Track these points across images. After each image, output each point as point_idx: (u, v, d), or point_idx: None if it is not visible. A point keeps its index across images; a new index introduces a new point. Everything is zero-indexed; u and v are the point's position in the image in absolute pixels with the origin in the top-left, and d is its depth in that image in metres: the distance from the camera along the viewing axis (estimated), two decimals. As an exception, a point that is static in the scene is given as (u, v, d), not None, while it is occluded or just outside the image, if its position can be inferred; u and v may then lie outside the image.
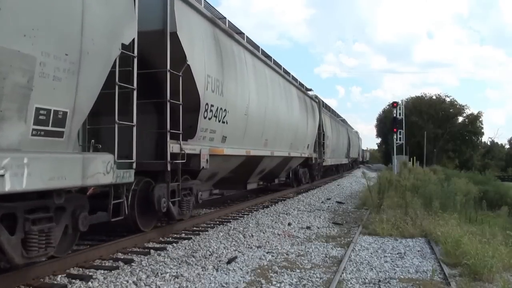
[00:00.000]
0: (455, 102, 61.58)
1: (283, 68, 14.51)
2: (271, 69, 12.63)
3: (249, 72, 10.35)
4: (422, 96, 63.06)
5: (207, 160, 7.82)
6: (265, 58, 12.25)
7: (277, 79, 13.21)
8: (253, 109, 10.29)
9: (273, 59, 13.30)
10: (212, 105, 8.00)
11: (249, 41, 11.27)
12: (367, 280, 5.13)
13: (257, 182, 13.24)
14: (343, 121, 37.03)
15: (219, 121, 8.47)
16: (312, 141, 18.27)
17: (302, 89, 17.31)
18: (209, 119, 7.99)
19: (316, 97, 20.47)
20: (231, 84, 8.99)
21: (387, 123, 53.83)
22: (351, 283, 5.02)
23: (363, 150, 66.28)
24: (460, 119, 61.53)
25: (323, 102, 22.62)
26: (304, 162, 17.74)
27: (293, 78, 16.12)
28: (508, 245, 6.50)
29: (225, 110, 8.62)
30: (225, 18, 9.69)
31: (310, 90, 19.47)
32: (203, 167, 7.72)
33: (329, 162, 24.61)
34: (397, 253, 6.63)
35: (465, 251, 5.79)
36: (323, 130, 21.15)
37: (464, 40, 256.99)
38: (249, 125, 10.11)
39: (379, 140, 77.10)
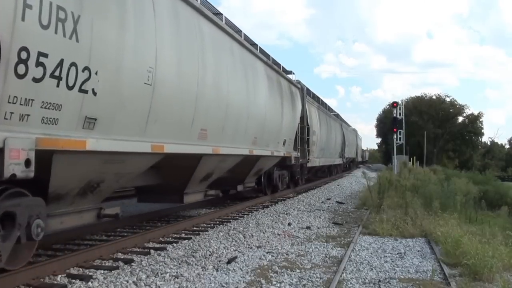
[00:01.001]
0: (455, 102, 61.68)
1: (245, 35, 10.73)
2: (215, 26, 8.41)
3: (160, 16, 6.29)
4: (422, 96, 63.15)
5: (28, 161, 4.18)
6: (203, 8, 7.98)
7: (229, 43, 9.04)
8: (167, 78, 6.29)
9: (225, 17, 9.49)
10: (44, 55, 4.24)
11: None
12: (367, 280, 5.13)
13: (203, 191, 9.45)
14: (337, 116, 32.69)
15: (72, 88, 4.64)
16: (291, 136, 14.44)
17: (276, 68, 13.13)
18: (38, 80, 4.23)
19: (299, 82, 16.71)
20: (105, 25, 5.11)
21: (387, 123, 53.83)
22: (351, 283, 5.02)
23: (362, 150, 65.99)
24: (460, 119, 61.64)
25: (308, 89, 18.79)
26: (281, 162, 14.04)
27: (262, 51, 11.98)
28: (508, 245, 6.49)
29: (86, 69, 4.79)
30: None
31: (291, 72, 15.52)
32: (13, 173, 4.06)
33: (316, 163, 20.40)
34: (397, 253, 6.63)
35: (465, 251, 5.79)
36: (307, 123, 17.37)
37: (464, 40, 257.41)
38: (158, 102, 6.06)
39: (379, 140, 77.24)
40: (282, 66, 14.33)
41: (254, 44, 11.46)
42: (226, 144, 8.85)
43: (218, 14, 9.20)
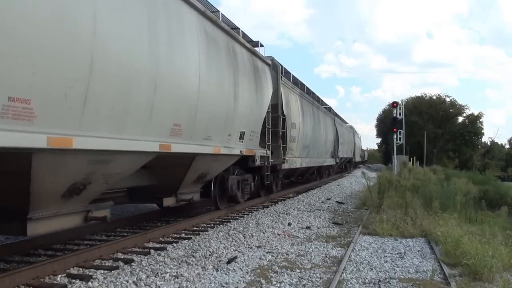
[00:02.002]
0: (455, 102, 61.80)
1: None
2: None
3: None
4: (422, 96, 63.28)
5: None
6: None
7: None
8: None
9: None
10: None
11: None
12: (367, 280, 5.13)
13: (81, 212, 5.66)
14: (329, 109, 27.40)
15: None
16: (254, 127, 10.62)
17: (225, 27, 8.86)
18: None
19: (272, 59, 12.87)
20: None
21: (387, 123, 53.96)
22: (351, 283, 5.02)
23: (362, 149, 65.60)
24: (460, 119, 61.73)
25: (286, 70, 15.02)
26: (241, 164, 10.55)
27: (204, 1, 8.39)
28: (508, 245, 6.50)
29: None
30: None
31: (257, 45, 11.72)
32: None
33: (297, 163, 16.13)
34: (397, 253, 6.63)
35: (465, 251, 5.79)
36: (283, 113, 13.40)
37: (464, 40, 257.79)
38: None
39: (379, 140, 77.34)
40: (243, 32, 10.59)
41: None
42: (97, 132, 4.98)
43: None
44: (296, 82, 17.25)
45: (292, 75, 16.47)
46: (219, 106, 8.31)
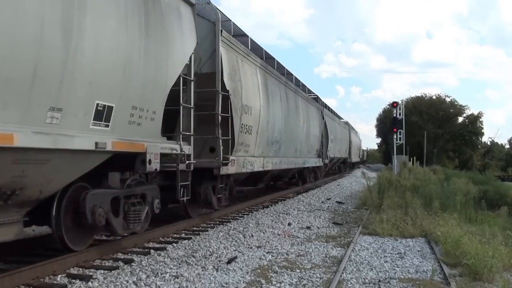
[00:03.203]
0: (455, 102, 61.88)
1: None
2: None
3: None
4: (422, 96, 63.39)
5: None
6: None
7: None
8: None
9: None
10: None
11: None
12: (367, 280, 5.13)
13: None
14: (316, 99, 21.83)
15: None
16: (146, 103, 5.94)
17: None
18: None
19: (208, 3, 8.85)
20: None
21: (387, 123, 53.99)
22: (351, 283, 5.02)
23: (362, 150, 65.32)
24: (460, 119, 61.77)
25: (235, 27, 10.57)
26: (127, 165, 6.03)
27: None
28: (508, 245, 6.50)
29: None
30: None
31: None
32: None
33: (256, 166, 11.07)
34: (397, 253, 6.63)
35: (465, 251, 5.80)
36: (225, 88, 8.84)
37: (464, 40, 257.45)
38: None
39: (379, 140, 77.38)
40: None
41: None
42: None
43: None
44: (261, 54, 12.34)
45: (251, 39, 11.50)
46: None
